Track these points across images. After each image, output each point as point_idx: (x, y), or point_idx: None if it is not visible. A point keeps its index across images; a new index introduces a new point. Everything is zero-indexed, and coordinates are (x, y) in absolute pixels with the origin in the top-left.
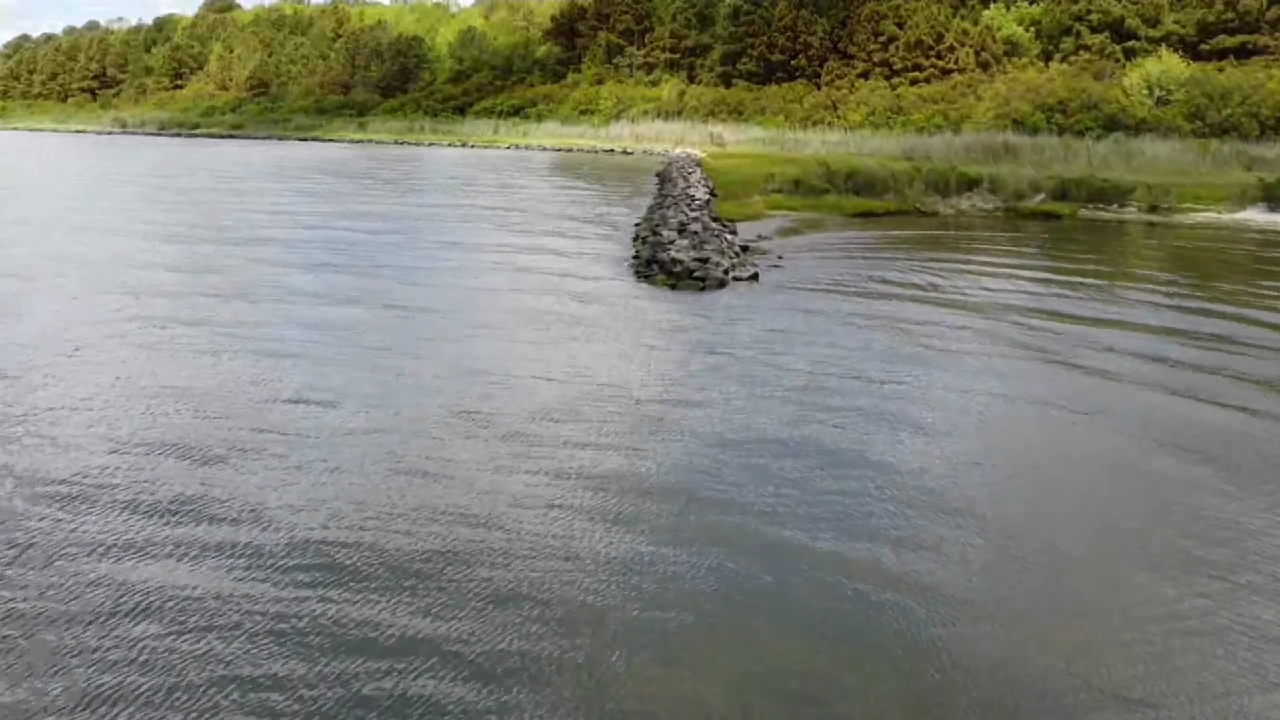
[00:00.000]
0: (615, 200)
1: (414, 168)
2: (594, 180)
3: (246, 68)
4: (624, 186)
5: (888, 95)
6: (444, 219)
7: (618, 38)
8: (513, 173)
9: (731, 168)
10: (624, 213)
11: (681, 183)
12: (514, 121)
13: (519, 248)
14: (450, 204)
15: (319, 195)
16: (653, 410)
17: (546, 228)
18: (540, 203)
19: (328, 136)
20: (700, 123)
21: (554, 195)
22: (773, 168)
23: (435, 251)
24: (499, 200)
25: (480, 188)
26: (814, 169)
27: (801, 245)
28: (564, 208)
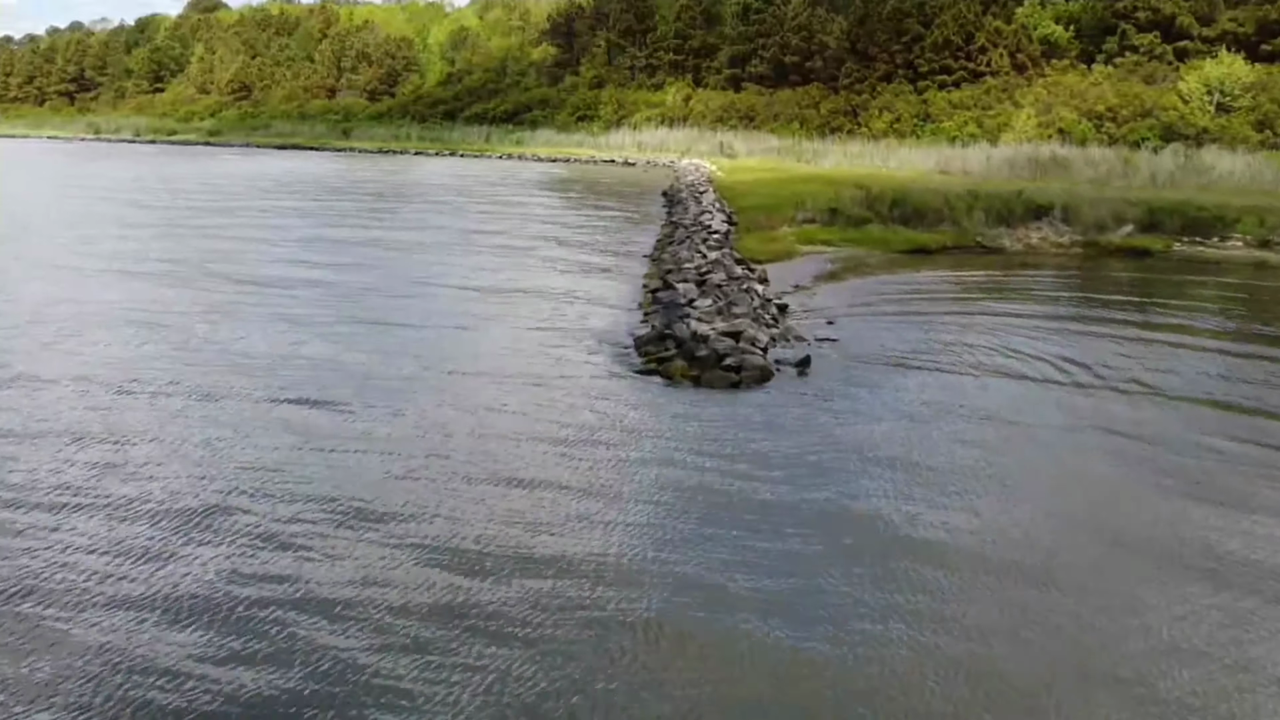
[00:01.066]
0: (616, 228)
1: (393, 187)
2: (592, 201)
3: (228, 70)
4: (627, 207)
5: (913, 101)
6: (394, 287)
7: (618, 38)
8: (502, 188)
9: (748, 186)
10: (626, 249)
11: (693, 206)
12: (506, 129)
13: (488, 316)
14: (421, 246)
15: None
16: None
17: (529, 284)
18: (529, 235)
19: (309, 145)
20: (708, 130)
21: (545, 224)
22: (797, 186)
23: (370, 339)
24: (481, 231)
25: (462, 215)
26: (850, 192)
27: (852, 297)
28: (555, 244)
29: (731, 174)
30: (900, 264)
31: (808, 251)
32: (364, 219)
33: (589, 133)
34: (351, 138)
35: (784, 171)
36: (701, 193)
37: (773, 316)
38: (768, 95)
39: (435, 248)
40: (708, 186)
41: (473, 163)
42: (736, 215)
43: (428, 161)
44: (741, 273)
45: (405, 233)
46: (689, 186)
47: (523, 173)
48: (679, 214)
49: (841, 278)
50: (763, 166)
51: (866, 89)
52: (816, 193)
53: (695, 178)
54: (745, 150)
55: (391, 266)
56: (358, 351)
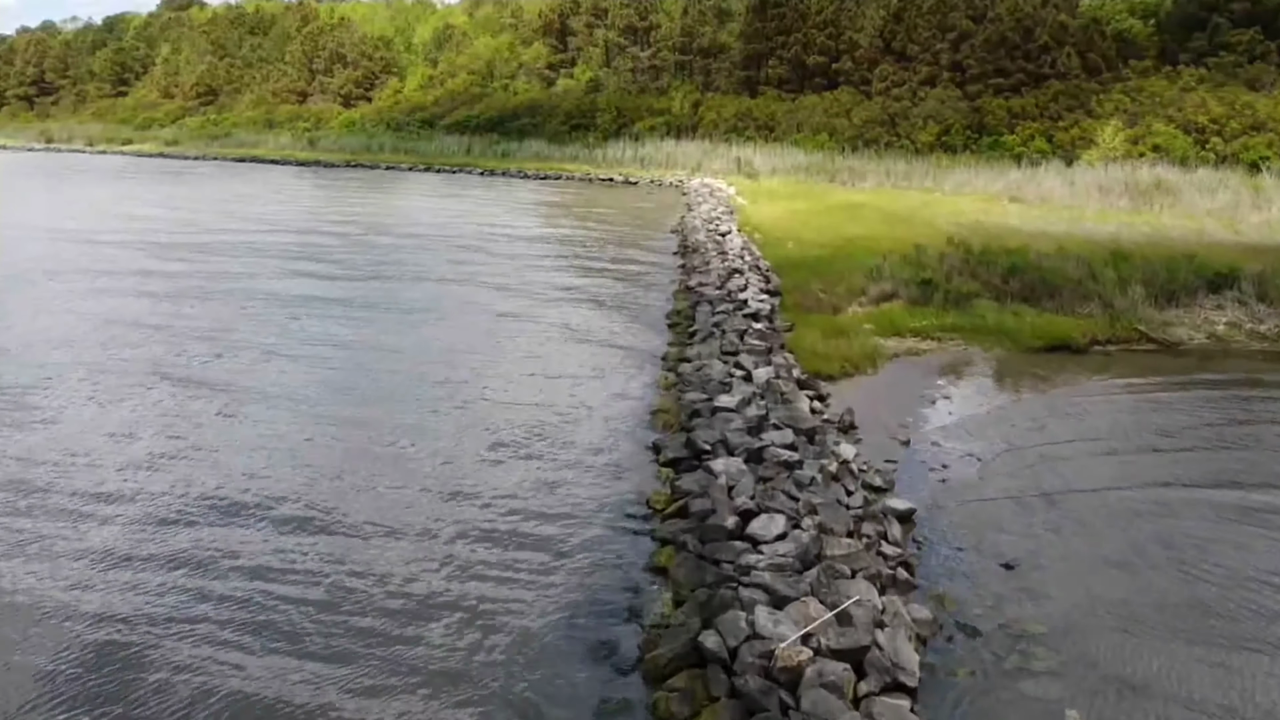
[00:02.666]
0: (604, 318)
1: (320, 249)
2: (577, 251)
3: (194, 73)
4: (624, 261)
5: (964, 109)
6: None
7: (618, 36)
8: (456, 240)
9: (782, 222)
10: (626, 339)
11: (716, 259)
12: (490, 139)
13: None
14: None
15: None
16: None
17: (467, 483)
18: (471, 349)
19: (270, 157)
20: (721, 142)
21: (504, 316)
22: (844, 223)
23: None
24: (405, 350)
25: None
26: (936, 246)
27: (1010, 467)
28: (513, 359)
29: (755, 201)
30: (1043, 373)
31: (897, 350)
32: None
33: (583, 144)
34: (318, 148)
35: (819, 198)
36: (724, 234)
37: (892, 539)
38: (789, 101)
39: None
40: (729, 222)
41: (446, 185)
42: (773, 270)
43: (399, 181)
44: (814, 419)
45: (314, 348)
46: (706, 222)
47: (498, 205)
48: (698, 273)
49: (968, 407)
50: (792, 190)
51: (906, 94)
52: (872, 236)
53: (712, 207)
54: (767, 168)
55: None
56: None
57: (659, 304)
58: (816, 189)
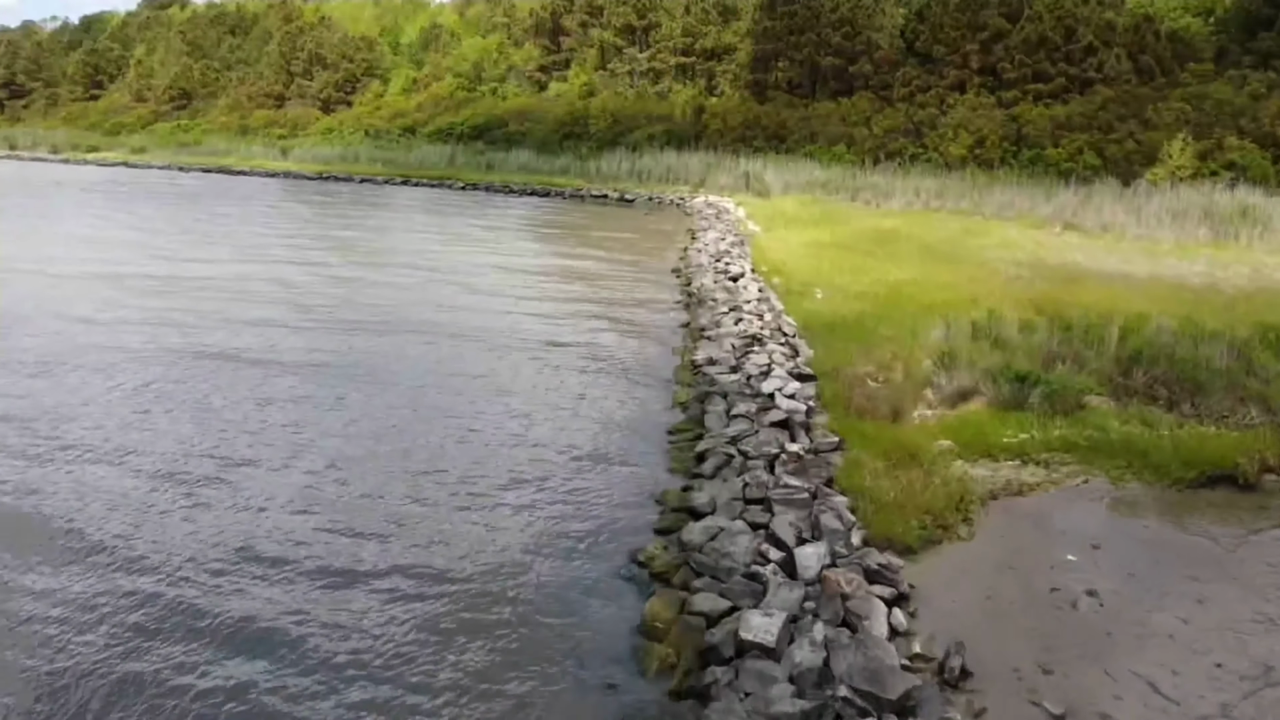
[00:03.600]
0: (585, 430)
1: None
2: (556, 310)
3: (168, 75)
4: (614, 323)
5: (999, 118)
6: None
7: (615, 36)
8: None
9: (807, 260)
10: (601, 522)
11: (728, 320)
12: (475, 149)
13: None
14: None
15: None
16: None
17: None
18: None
19: (238, 167)
20: (727, 153)
21: (452, 432)
22: (884, 264)
23: None
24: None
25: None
26: (1006, 303)
27: None
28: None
29: (769, 227)
30: (1213, 526)
31: (992, 484)
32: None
33: (575, 154)
34: (291, 158)
35: (843, 223)
36: (735, 278)
37: None
38: (801, 108)
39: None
40: (741, 260)
41: (420, 202)
42: (802, 335)
43: (369, 204)
44: (900, 669)
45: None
46: (713, 258)
47: (467, 229)
48: (706, 341)
49: (1131, 607)
50: (810, 213)
51: (932, 100)
52: (918, 281)
53: (719, 235)
54: (778, 184)
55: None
56: None
57: (656, 397)
58: (837, 211)
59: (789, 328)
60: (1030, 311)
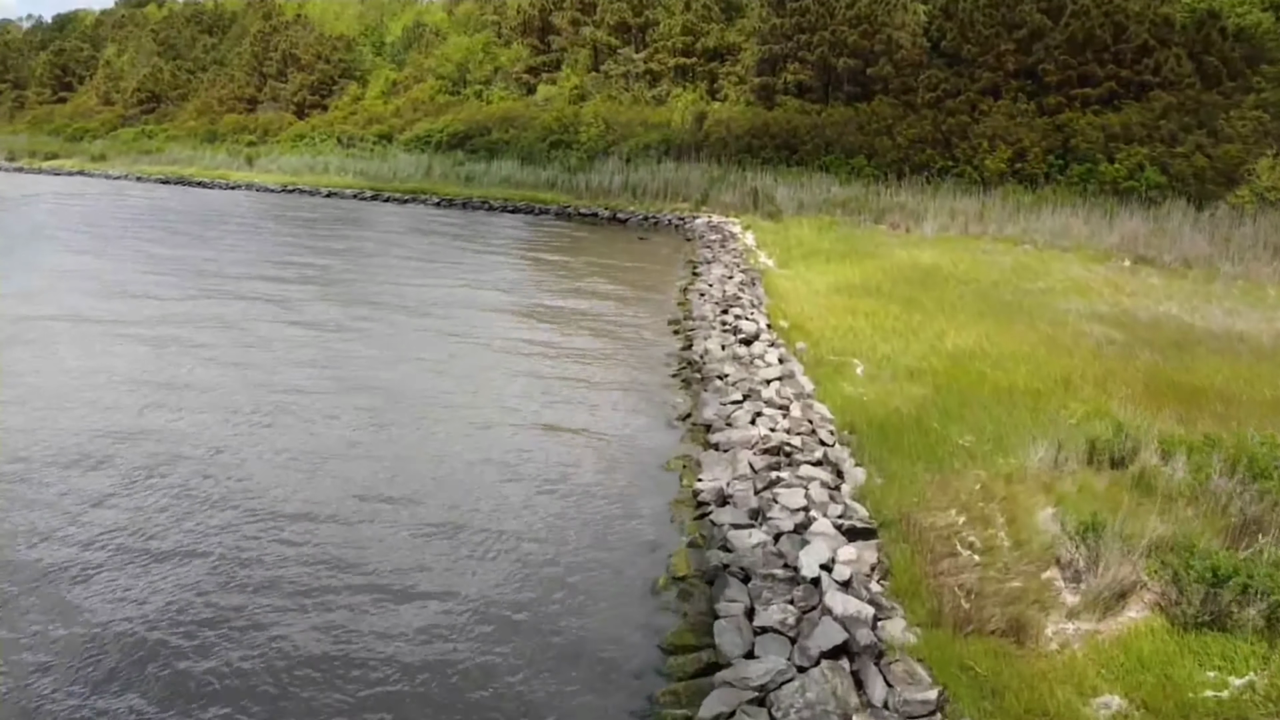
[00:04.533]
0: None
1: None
2: (514, 401)
3: (136, 77)
4: (592, 410)
5: (1042, 126)
6: None
7: (609, 35)
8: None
9: (838, 314)
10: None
11: (742, 418)
12: (455, 158)
13: None
14: None
15: None
16: None
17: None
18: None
19: (199, 177)
20: (732, 164)
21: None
22: (946, 326)
23: None
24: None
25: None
26: (1122, 390)
27: None
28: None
29: (785, 261)
30: None
31: None
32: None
33: (563, 166)
34: (255, 167)
35: (873, 255)
36: (749, 339)
37: None
38: (814, 114)
39: None
40: (756, 312)
41: (383, 217)
42: (847, 441)
43: (329, 224)
44: None
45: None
46: (719, 307)
47: (423, 261)
48: (714, 460)
49: None
50: (833, 242)
51: (962, 107)
52: (988, 351)
53: (726, 273)
54: (792, 203)
55: None
56: None
57: (639, 568)
58: (862, 239)
59: (826, 429)
60: (1148, 402)
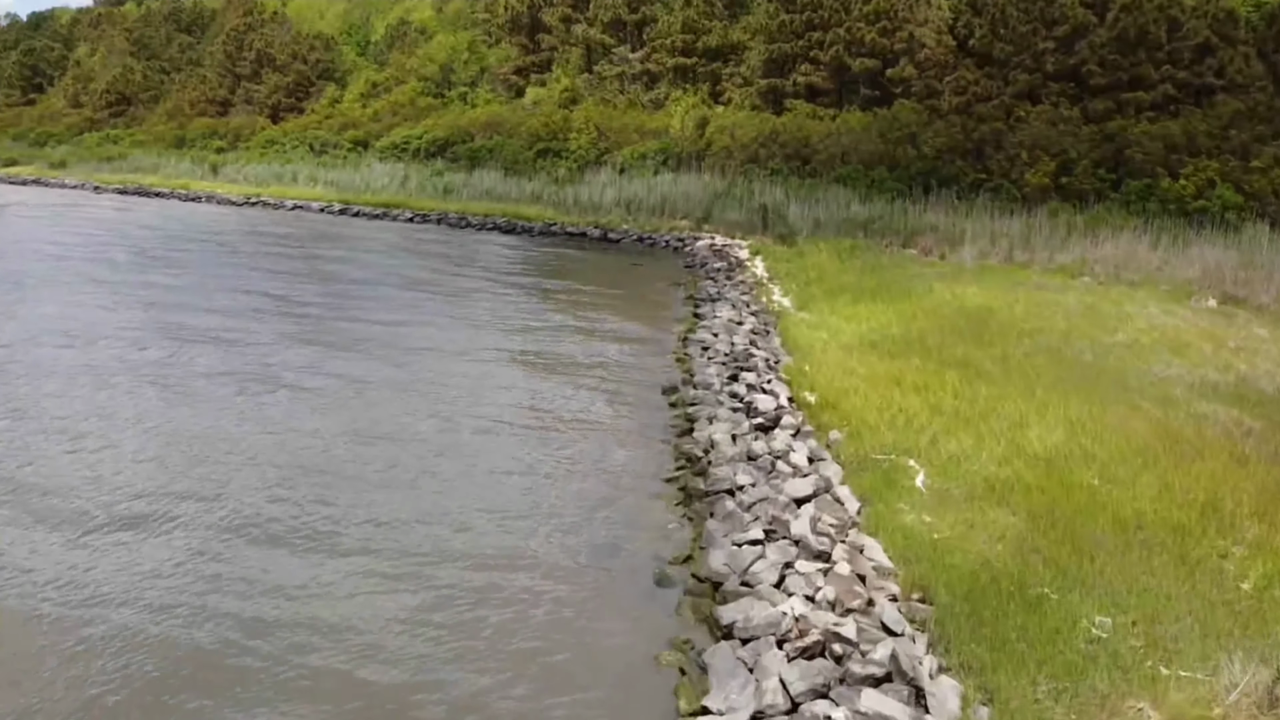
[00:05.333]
0: None
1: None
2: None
3: (106, 78)
4: (560, 551)
5: (1089, 136)
6: None
7: (602, 32)
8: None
9: (878, 382)
10: None
11: (768, 574)
12: (434, 167)
13: None
14: None
15: None
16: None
17: None
18: None
19: (159, 186)
20: (738, 175)
21: None
22: (1026, 409)
23: None
24: None
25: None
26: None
27: None
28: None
29: (805, 300)
30: None
31: None
32: None
33: (551, 176)
34: (220, 176)
35: (909, 295)
36: (767, 426)
37: None
38: (828, 120)
39: None
40: (771, 375)
41: (349, 234)
42: (919, 619)
43: (286, 240)
44: None
45: None
46: (726, 369)
47: (373, 305)
48: (732, 638)
49: None
50: (858, 274)
51: (996, 112)
52: (1096, 455)
53: (734, 320)
54: (807, 222)
55: None
56: None
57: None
58: (892, 268)
59: (887, 593)
60: None
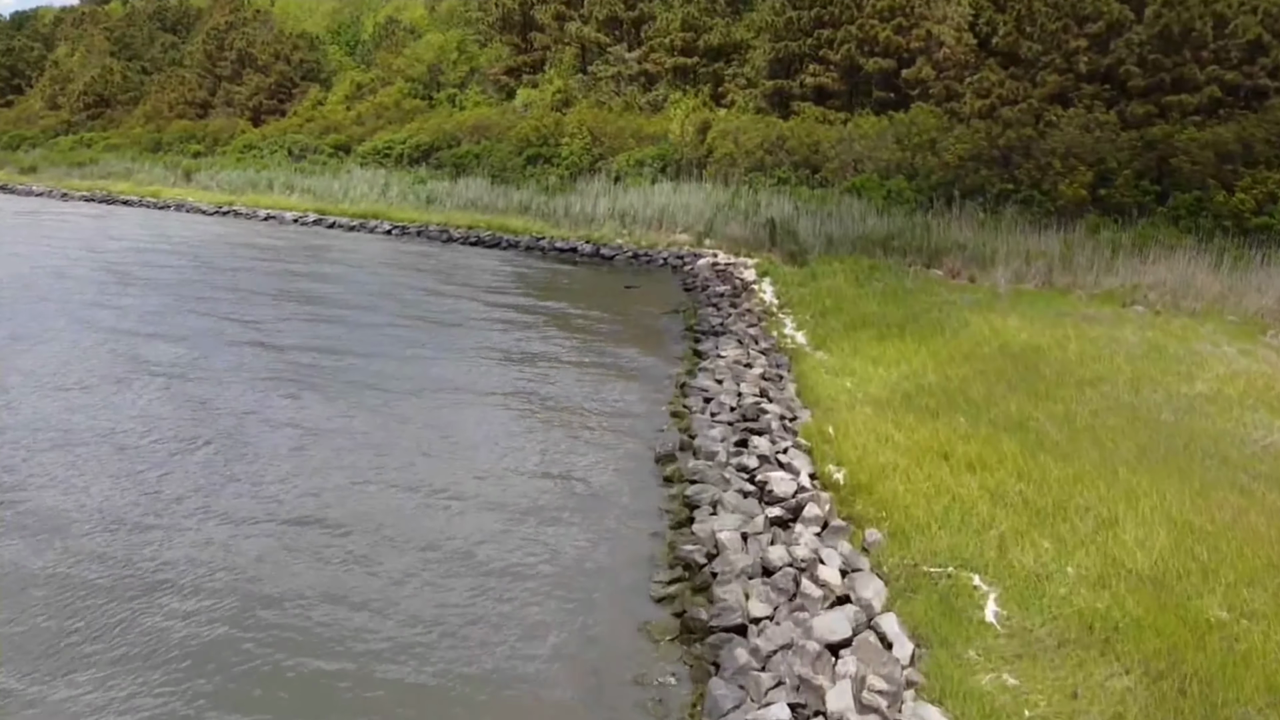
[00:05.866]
0: None
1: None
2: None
3: (85, 79)
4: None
5: (1127, 142)
6: None
7: (597, 30)
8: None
9: (917, 461)
10: None
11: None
12: (417, 175)
13: None
14: None
15: None
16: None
17: None
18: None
19: (128, 194)
20: (742, 186)
21: None
22: (1099, 488)
23: None
24: None
25: None
26: None
27: None
28: None
29: (823, 338)
30: None
31: None
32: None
33: (540, 185)
34: (193, 183)
35: (940, 325)
36: (786, 520)
37: None
38: (839, 125)
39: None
40: (787, 442)
41: (323, 246)
42: None
43: (247, 257)
44: None
45: None
46: (733, 431)
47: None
48: None
49: None
50: (880, 301)
51: (1024, 117)
52: (1234, 601)
53: (741, 362)
54: (819, 238)
55: None
56: None
57: None
58: (918, 294)
59: None
60: None
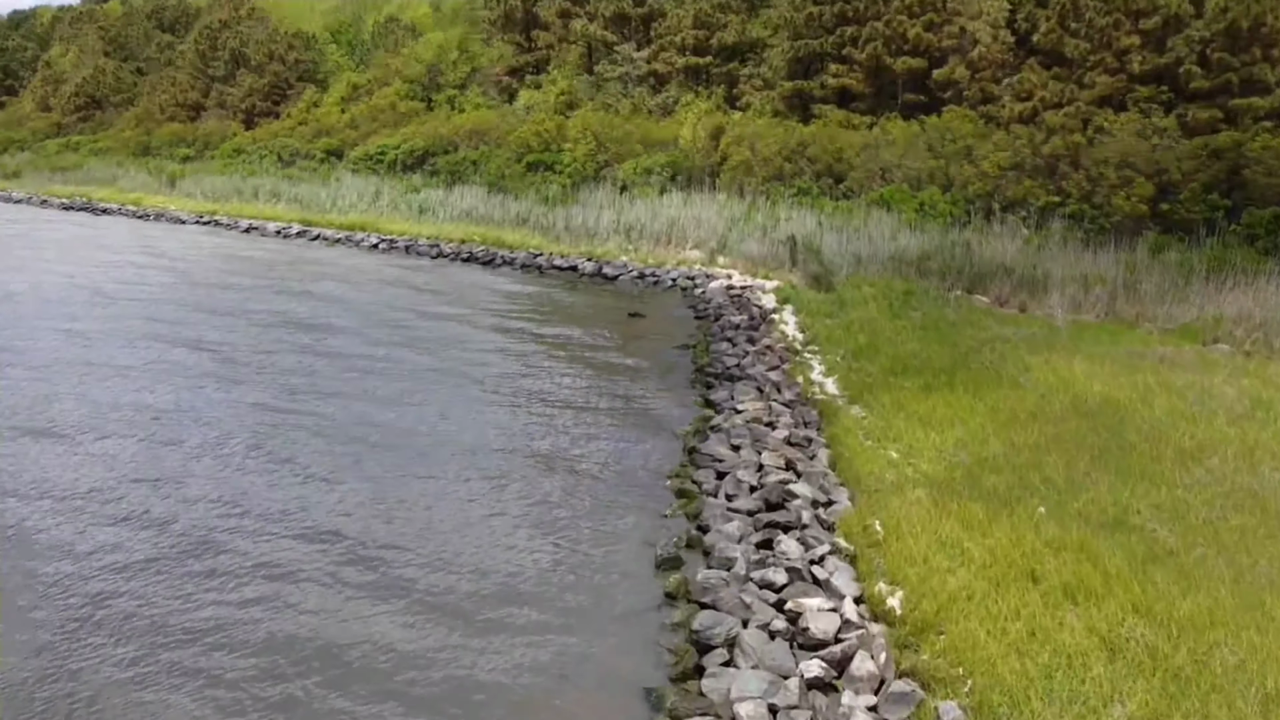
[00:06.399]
0: None
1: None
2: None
3: (76, 80)
4: None
5: (1190, 151)
6: None
7: (604, 29)
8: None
9: (1006, 597)
10: None
11: None
12: (410, 183)
13: None
14: None
15: None
16: None
17: None
18: None
19: (109, 201)
20: (759, 196)
21: None
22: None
23: None
24: None
25: None
26: None
27: None
28: None
29: (858, 382)
30: None
31: None
32: None
33: (540, 194)
34: (178, 190)
35: (995, 374)
36: (828, 682)
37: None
38: (865, 130)
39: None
40: (822, 544)
41: (306, 263)
42: None
43: (226, 253)
44: None
45: None
46: (754, 514)
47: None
48: None
49: None
50: (922, 342)
51: (1071, 122)
52: None
53: (762, 420)
54: (846, 258)
55: None
56: None
57: None
58: (964, 327)
59: None
60: None
